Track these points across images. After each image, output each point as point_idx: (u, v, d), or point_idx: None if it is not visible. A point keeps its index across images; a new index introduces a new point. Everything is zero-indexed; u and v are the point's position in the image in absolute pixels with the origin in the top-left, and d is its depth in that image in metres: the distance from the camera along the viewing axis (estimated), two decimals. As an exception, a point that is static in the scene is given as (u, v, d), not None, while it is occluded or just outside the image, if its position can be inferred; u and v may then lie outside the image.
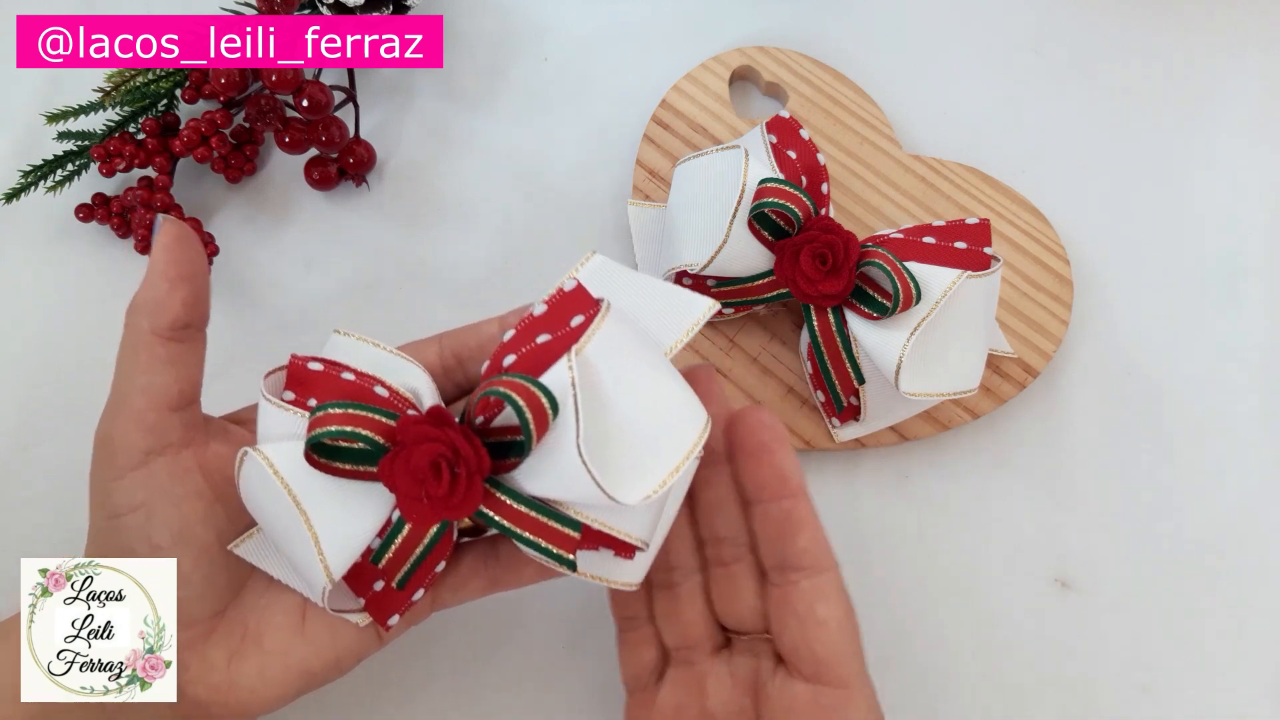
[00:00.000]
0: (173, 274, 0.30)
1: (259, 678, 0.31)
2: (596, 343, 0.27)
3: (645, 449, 0.27)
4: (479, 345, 0.33)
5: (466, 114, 0.48)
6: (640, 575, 0.30)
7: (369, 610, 0.31)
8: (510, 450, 0.28)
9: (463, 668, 0.41)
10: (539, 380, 0.27)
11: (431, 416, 0.28)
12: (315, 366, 0.30)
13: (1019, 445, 0.44)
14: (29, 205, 0.44)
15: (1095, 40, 0.51)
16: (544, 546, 0.28)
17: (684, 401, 0.29)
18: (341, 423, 0.27)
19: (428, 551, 0.30)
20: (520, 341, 0.29)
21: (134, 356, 0.30)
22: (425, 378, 0.31)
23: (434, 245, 0.46)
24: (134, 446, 0.30)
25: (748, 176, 0.40)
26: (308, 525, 0.28)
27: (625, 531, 0.28)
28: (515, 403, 0.26)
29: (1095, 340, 0.46)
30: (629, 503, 0.26)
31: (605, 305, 0.28)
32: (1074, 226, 0.47)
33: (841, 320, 0.40)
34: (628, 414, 0.27)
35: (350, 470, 0.29)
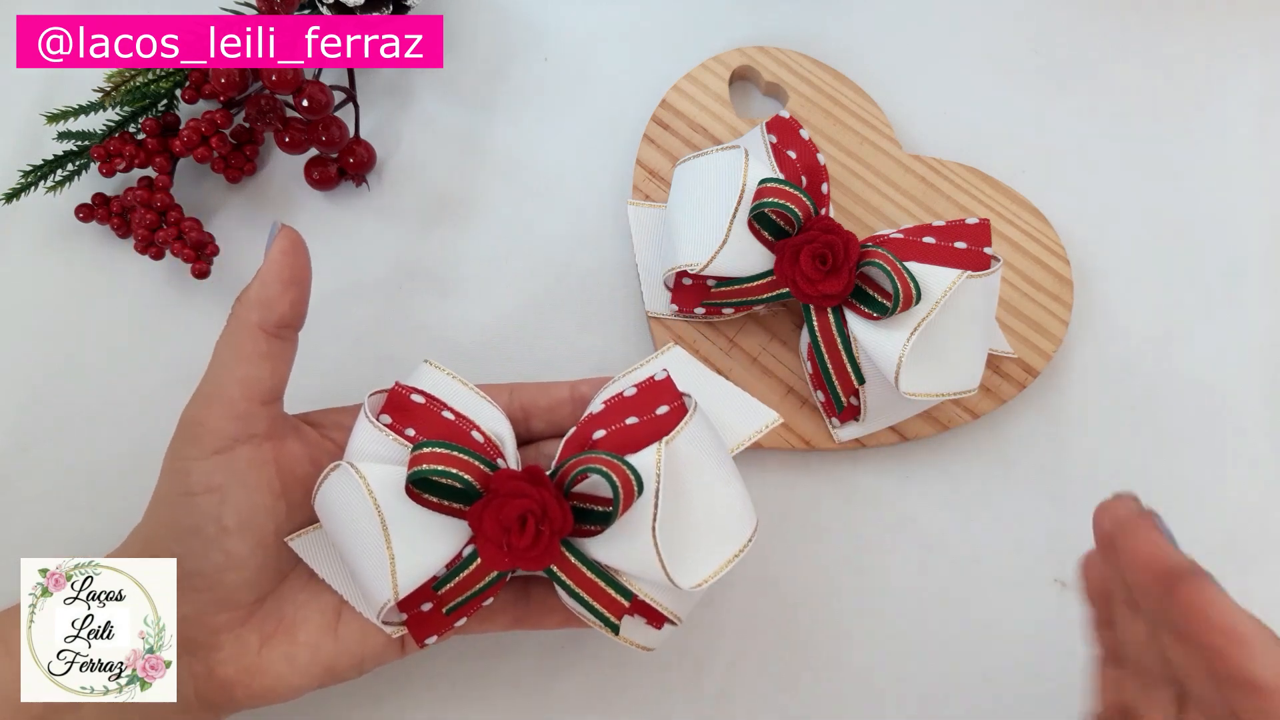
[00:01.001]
0: (286, 277, 0.33)
1: (287, 665, 0.32)
2: (683, 438, 0.31)
3: (706, 541, 0.31)
4: (548, 407, 0.36)
5: (466, 114, 0.48)
6: (660, 643, 0.33)
7: (410, 627, 0.33)
8: (587, 517, 0.31)
9: (462, 669, 0.41)
10: (630, 462, 0.29)
11: (529, 473, 0.30)
12: (417, 399, 0.33)
13: (1019, 445, 0.44)
14: (29, 205, 0.44)
15: (1095, 40, 0.51)
16: (595, 607, 0.31)
17: (743, 503, 0.32)
18: (445, 463, 0.30)
19: (486, 588, 0.32)
20: (609, 419, 0.32)
21: (237, 347, 0.32)
22: (508, 426, 0.34)
23: (434, 245, 0.46)
24: (223, 432, 0.32)
25: (748, 176, 0.40)
26: (388, 546, 0.30)
27: (669, 608, 0.32)
28: (612, 480, 0.29)
29: (1095, 340, 0.46)
30: (685, 587, 0.30)
31: (694, 404, 0.32)
32: (1074, 226, 0.47)
33: (841, 320, 0.40)
34: (697, 508, 0.31)
35: (437, 504, 0.31)
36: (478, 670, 0.41)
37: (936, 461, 0.44)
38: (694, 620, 0.42)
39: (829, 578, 0.43)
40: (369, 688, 0.40)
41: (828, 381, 0.41)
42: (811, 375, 0.42)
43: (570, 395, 0.36)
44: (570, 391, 0.36)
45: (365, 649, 0.34)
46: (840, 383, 0.40)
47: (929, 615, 0.42)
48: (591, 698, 0.41)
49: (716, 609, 0.42)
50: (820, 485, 0.44)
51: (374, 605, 0.31)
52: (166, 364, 0.44)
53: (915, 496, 0.44)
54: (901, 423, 0.43)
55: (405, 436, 0.32)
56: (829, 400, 0.42)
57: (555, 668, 0.41)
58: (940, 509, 0.43)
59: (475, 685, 0.40)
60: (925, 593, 0.42)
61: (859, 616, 0.42)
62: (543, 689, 0.41)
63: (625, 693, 0.41)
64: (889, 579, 0.43)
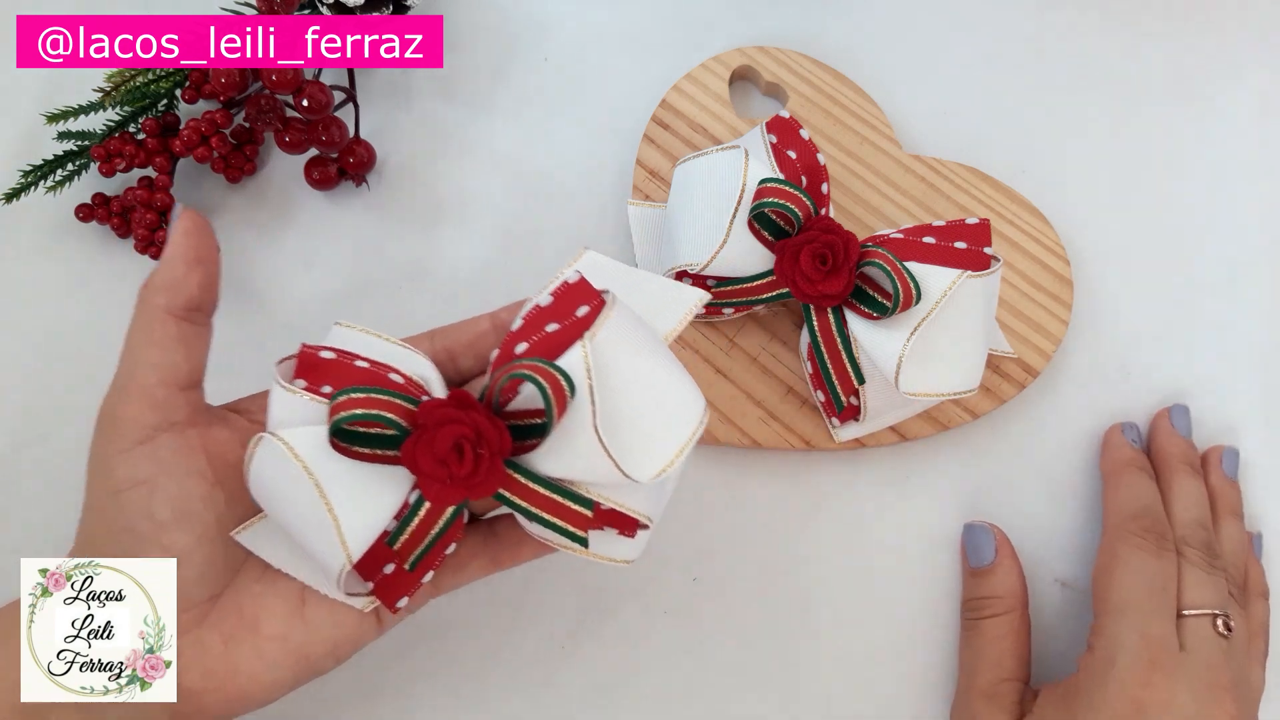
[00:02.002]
0: (190, 257, 0.31)
1: (258, 661, 0.31)
2: (606, 331, 0.29)
3: (654, 430, 0.29)
4: (470, 341, 0.35)
5: (466, 114, 0.48)
6: (638, 553, 0.32)
7: (378, 594, 0.32)
8: (525, 433, 0.29)
9: (463, 667, 0.41)
10: (556, 363, 0.28)
11: (455, 399, 0.29)
12: (328, 355, 0.31)
13: (1019, 445, 0.44)
14: (29, 205, 0.44)
15: (1095, 40, 0.51)
16: (558, 525, 0.30)
17: (685, 388, 0.30)
18: (366, 406, 0.28)
19: (442, 533, 0.31)
20: (530, 330, 0.30)
21: (147, 333, 0.31)
22: (431, 367, 0.32)
23: (434, 245, 0.46)
24: (142, 421, 0.31)
25: (748, 176, 0.40)
26: (329, 508, 0.29)
27: (634, 509, 0.30)
28: (540, 384, 0.27)
29: (1095, 340, 0.46)
30: (642, 480, 0.28)
31: (611, 296, 0.29)
32: (1074, 226, 0.47)
33: (841, 320, 0.40)
34: (636, 397, 0.29)
35: (369, 454, 0.29)
36: (477, 670, 0.41)
37: (936, 461, 0.44)
38: (695, 618, 0.42)
39: (829, 577, 0.43)
40: (367, 688, 0.40)
41: (828, 381, 0.41)
42: (811, 375, 0.42)
43: (492, 325, 0.35)
44: (491, 321, 0.35)
45: (338, 631, 0.32)
46: (840, 383, 0.40)
47: (930, 615, 0.42)
48: (592, 694, 0.41)
49: (718, 607, 0.42)
50: (820, 485, 0.44)
51: (331, 575, 0.30)
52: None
53: (915, 496, 0.44)
54: (901, 423, 0.42)
55: (322, 394, 0.30)
56: (829, 400, 0.42)
57: (555, 667, 0.41)
58: (940, 509, 0.43)
59: (476, 684, 0.40)
60: (926, 593, 0.42)
61: (859, 616, 0.42)
62: (542, 686, 0.41)
63: (625, 690, 0.41)
64: (890, 579, 0.43)
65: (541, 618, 0.41)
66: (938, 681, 0.41)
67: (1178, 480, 0.42)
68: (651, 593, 0.42)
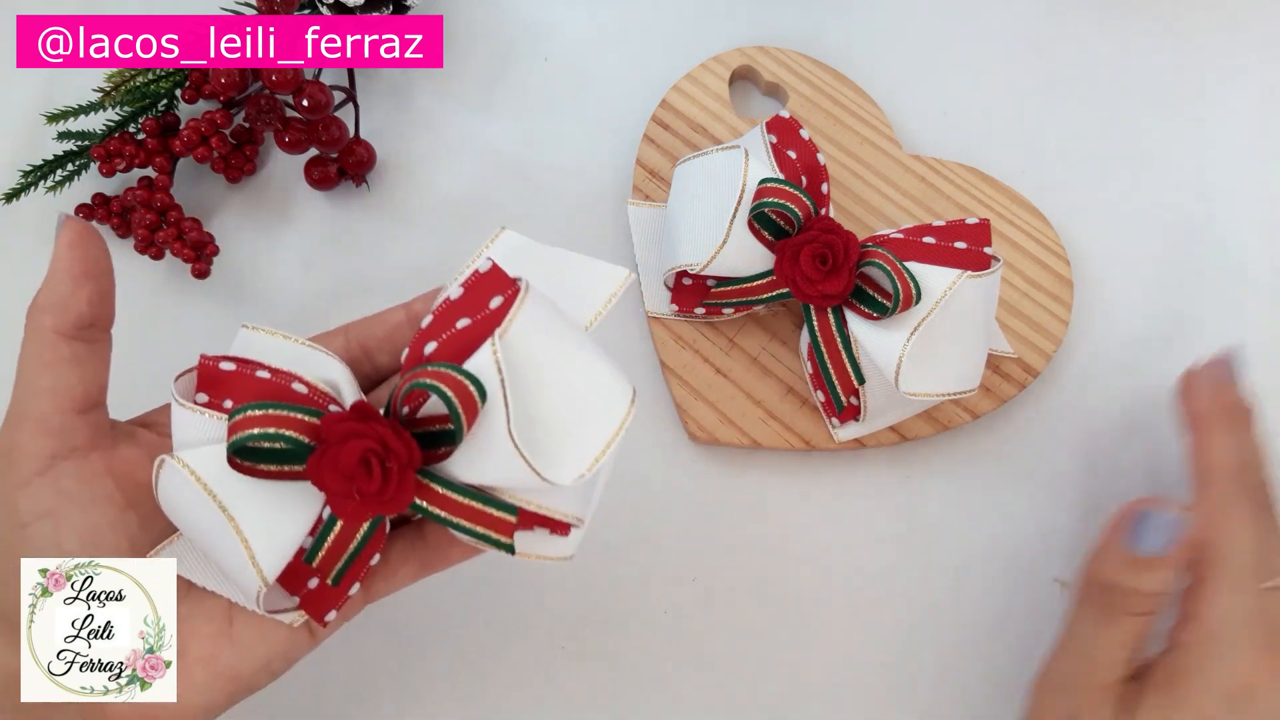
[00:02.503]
0: (77, 271, 0.30)
1: (187, 688, 0.30)
2: (519, 325, 0.27)
3: (575, 428, 0.27)
4: (385, 335, 0.33)
5: (466, 114, 0.48)
6: (574, 549, 0.30)
7: (305, 608, 0.30)
8: (440, 440, 0.28)
9: (463, 669, 0.41)
10: (464, 368, 0.26)
11: (356, 411, 0.27)
12: (227, 366, 0.29)
13: (1019, 445, 0.44)
14: (29, 205, 0.44)
15: (1095, 40, 0.51)
16: (481, 533, 0.28)
17: (610, 376, 0.28)
18: (263, 424, 0.27)
19: (361, 546, 0.29)
20: (440, 327, 0.28)
21: (37, 358, 0.29)
22: (342, 369, 0.30)
23: (433, 245, 0.46)
24: (39, 451, 0.29)
25: (748, 176, 0.40)
26: (237, 531, 0.27)
27: (561, 510, 0.28)
28: (444, 394, 0.25)
29: (1095, 340, 0.46)
30: (563, 483, 0.26)
31: (524, 285, 0.28)
32: (1074, 226, 0.47)
33: (841, 320, 0.40)
34: (555, 395, 0.27)
35: (275, 471, 0.28)
36: (477, 671, 0.41)
37: (936, 461, 0.44)
38: (695, 618, 0.42)
39: (829, 577, 0.43)
40: (367, 688, 0.40)
41: (828, 381, 0.41)
42: (811, 375, 0.42)
43: (407, 316, 0.33)
44: (405, 313, 0.33)
45: (269, 648, 0.30)
46: (840, 383, 0.40)
47: (930, 615, 0.42)
48: (592, 695, 0.41)
49: (718, 607, 0.42)
50: (820, 485, 0.44)
51: (249, 596, 0.29)
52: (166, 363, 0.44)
53: (915, 496, 0.44)
54: (901, 423, 0.43)
55: (224, 410, 0.28)
56: (829, 400, 0.42)
57: (556, 667, 0.41)
58: (940, 509, 0.43)
59: (476, 686, 0.40)
60: (926, 592, 0.42)
61: (859, 616, 0.42)
62: (543, 687, 0.41)
63: (626, 690, 0.41)
64: (889, 579, 0.43)
65: (542, 618, 0.41)
66: (938, 680, 0.41)
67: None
68: (651, 593, 0.42)
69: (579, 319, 0.30)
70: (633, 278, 0.31)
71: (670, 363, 0.43)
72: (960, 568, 0.43)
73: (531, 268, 0.29)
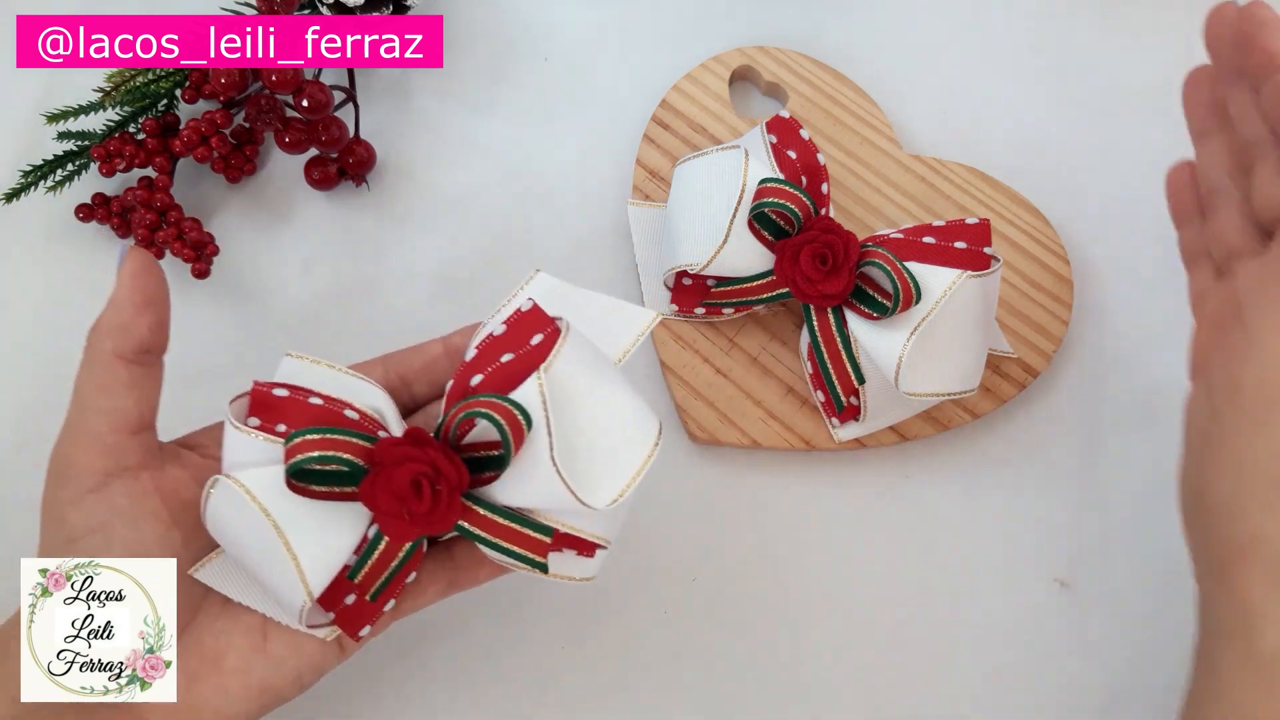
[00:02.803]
0: (139, 299, 0.31)
1: (222, 697, 0.31)
2: (561, 360, 0.29)
3: (609, 457, 0.30)
4: (423, 366, 0.35)
5: (466, 114, 0.48)
6: (597, 570, 0.32)
7: (340, 623, 0.32)
8: (485, 464, 0.30)
9: (464, 668, 0.41)
10: (512, 399, 0.28)
11: (410, 437, 0.29)
12: (281, 393, 0.31)
13: (1019, 445, 0.44)
14: (29, 205, 0.44)
15: (1095, 40, 0.51)
16: (518, 553, 0.30)
17: (639, 410, 0.31)
18: (321, 448, 0.28)
19: (402, 564, 0.31)
20: (484, 362, 0.30)
21: (95, 379, 0.31)
22: (385, 397, 0.32)
23: (433, 245, 0.46)
24: (93, 468, 0.30)
25: (748, 176, 0.40)
26: (287, 548, 0.29)
27: (592, 533, 0.31)
28: (496, 421, 0.28)
29: (1095, 340, 0.46)
30: (599, 507, 0.29)
31: (565, 325, 0.30)
32: (1074, 226, 0.47)
33: (841, 320, 0.40)
34: (592, 426, 0.29)
35: (326, 492, 0.29)
36: (478, 671, 0.41)
37: (936, 461, 0.44)
38: (695, 618, 0.42)
39: (829, 578, 0.42)
40: (367, 688, 0.40)
41: (828, 381, 0.41)
42: (811, 375, 0.42)
43: (444, 350, 0.35)
44: (444, 346, 0.35)
45: (301, 660, 0.32)
46: (840, 383, 0.40)
47: (929, 615, 0.42)
48: (592, 694, 0.41)
49: (718, 607, 0.42)
50: (820, 485, 0.44)
51: (292, 612, 0.30)
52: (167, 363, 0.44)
53: (915, 496, 0.44)
54: (901, 423, 0.43)
55: (276, 434, 0.30)
56: (829, 400, 0.42)
57: (556, 667, 0.41)
58: (940, 509, 0.43)
59: (475, 686, 0.40)
60: (925, 593, 0.42)
61: (859, 616, 0.42)
62: (543, 687, 0.41)
63: (626, 690, 0.41)
64: (889, 579, 0.43)
65: (542, 618, 0.41)
66: (937, 680, 0.41)
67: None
68: (651, 593, 0.42)
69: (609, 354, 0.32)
70: (659, 319, 0.33)
71: (670, 363, 0.43)
72: (960, 568, 0.43)
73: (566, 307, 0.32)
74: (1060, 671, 0.42)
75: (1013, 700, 0.41)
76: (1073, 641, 0.42)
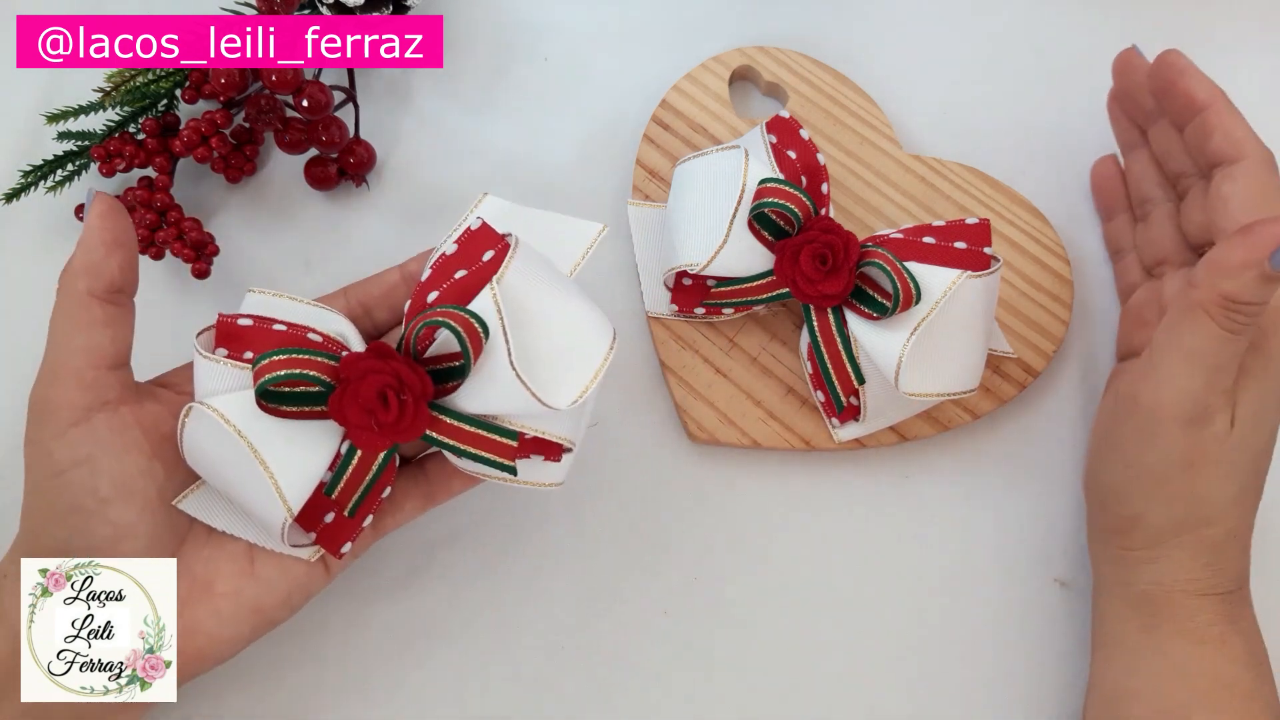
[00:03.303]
0: (109, 240, 0.32)
1: (214, 619, 0.32)
2: (513, 272, 0.30)
3: (567, 360, 0.31)
4: (383, 294, 0.36)
5: (466, 114, 0.48)
6: (564, 475, 0.34)
7: (321, 542, 0.33)
8: (447, 376, 0.31)
9: (463, 667, 0.41)
10: (469, 309, 0.29)
11: (374, 350, 0.30)
12: (245, 322, 0.32)
13: (1019, 445, 0.44)
14: (29, 205, 0.44)
15: (1095, 40, 0.51)
16: (486, 458, 0.31)
17: (593, 316, 0.32)
18: (289, 366, 0.29)
19: (376, 478, 0.32)
20: (439, 279, 0.31)
21: (72, 318, 0.32)
22: (347, 323, 0.33)
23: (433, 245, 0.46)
24: (75, 403, 0.31)
25: (748, 176, 0.40)
26: (265, 468, 0.30)
27: (557, 434, 0.32)
28: (455, 329, 0.29)
29: (1095, 340, 0.46)
30: (561, 406, 0.30)
31: (514, 239, 0.31)
32: (1074, 226, 0.47)
33: (841, 320, 0.40)
34: (548, 331, 0.31)
35: (297, 412, 0.31)
36: (477, 670, 0.41)
37: (936, 461, 0.44)
38: (695, 618, 0.42)
39: (829, 577, 0.43)
40: (366, 686, 0.40)
41: (828, 381, 0.41)
42: (811, 375, 0.42)
43: (401, 276, 0.36)
44: (400, 273, 0.36)
45: (288, 581, 0.33)
46: (840, 383, 0.40)
47: (929, 615, 0.42)
48: (592, 694, 0.41)
49: (718, 607, 0.42)
50: (820, 485, 0.44)
51: (274, 531, 0.31)
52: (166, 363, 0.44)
53: (915, 496, 0.44)
54: (901, 423, 0.43)
55: (244, 361, 0.31)
56: (829, 400, 0.42)
57: (555, 667, 0.41)
58: (940, 509, 0.43)
59: (474, 686, 0.40)
60: (925, 592, 0.42)
61: (859, 616, 0.42)
62: (542, 686, 0.41)
63: (626, 690, 0.41)
64: (889, 579, 0.43)
65: (541, 618, 0.41)
66: (937, 680, 0.41)
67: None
68: (651, 593, 0.42)
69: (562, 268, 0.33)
70: (606, 230, 0.35)
71: (670, 363, 0.43)
72: (960, 568, 0.43)
73: (516, 226, 0.33)
74: (1060, 671, 0.42)
75: (1013, 700, 0.41)
76: (1073, 641, 0.42)
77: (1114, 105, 0.45)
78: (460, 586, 0.41)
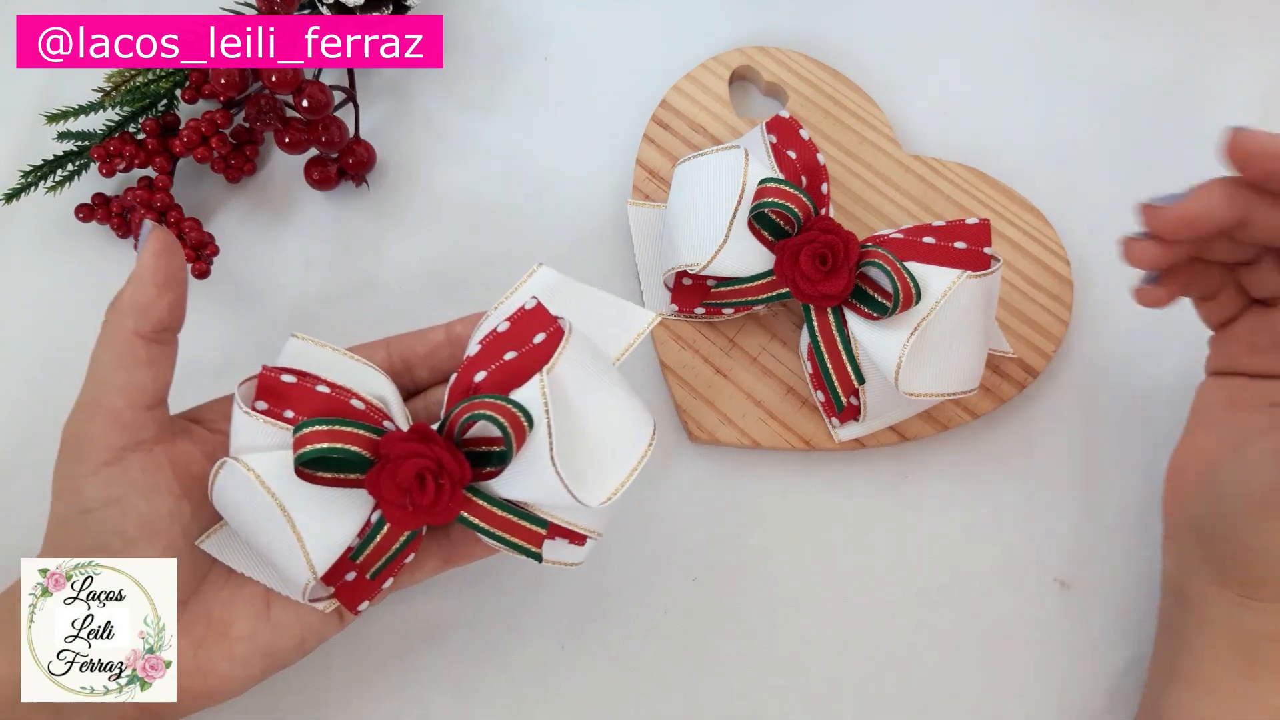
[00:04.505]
0: (160, 279, 0.32)
1: (227, 662, 0.32)
2: (564, 362, 0.30)
3: (605, 457, 0.31)
4: (426, 353, 0.36)
5: (467, 114, 0.48)
6: (585, 556, 0.34)
7: (340, 598, 0.33)
8: (486, 459, 0.31)
9: (463, 668, 0.41)
10: (515, 399, 0.30)
11: (417, 433, 0.30)
12: (288, 379, 0.32)
13: (1019, 445, 0.44)
14: (29, 205, 0.44)
15: (1095, 40, 0.51)
16: (514, 542, 0.32)
17: (635, 410, 0.32)
18: (330, 439, 0.29)
19: (402, 548, 0.32)
20: (487, 358, 0.31)
21: (115, 355, 0.32)
22: (389, 385, 0.33)
23: (433, 245, 0.46)
24: (110, 443, 0.31)
25: (748, 176, 0.40)
26: (295, 530, 0.30)
27: (584, 526, 0.32)
28: (500, 423, 0.29)
29: (1095, 340, 0.46)
30: (593, 504, 0.30)
31: (568, 326, 0.31)
32: (1074, 226, 0.47)
33: (841, 320, 0.40)
34: (590, 426, 0.31)
35: (332, 479, 0.31)
36: (477, 671, 0.41)
37: (936, 461, 0.44)
38: (695, 618, 0.42)
39: (829, 577, 0.42)
40: (366, 688, 0.40)
41: (828, 381, 0.41)
42: (811, 375, 0.42)
43: (446, 337, 0.36)
44: (446, 334, 0.36)
45: (303, 627, 0.33)
46: (840, 383, 0.40)
47: (929, 615, 0.42)
48: (592, 694, 0.41)
49: (718, 607, 0.42)
50: (820, 485, 0.44)
51: (295, 588, 0.31)
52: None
53: (915, 496, 0.44)
54: (901, 423, 0.43)
55: (284, 419, 0.31)
56: (829, 400, 0.42)
57: (555, 667, 0.41)
58: (940, 509, 0.43)
59: (474, 686, 0.40)
60: (925, 593, 0.42)
61: (859, 616, 0.42)
62: (542, 687, 0.41)
63: (626, 691, 0.41)
64: (889, 579, 0.43)
65: (542, 618, 0.41)
66: (937, 680, 0.41)
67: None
68: (651, 593, 0.42)
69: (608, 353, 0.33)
70: (657, 320, 0.35)
71: (670, 363, 0.43)
72: (960, 568, 0.43)
73: (568, 303, 0.33)
74: (1061, 671, 0.42)
75: (1013, 700, 0.41)
76: (1073, 641, 0.42)
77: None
78: (460, 587, 0.41)
